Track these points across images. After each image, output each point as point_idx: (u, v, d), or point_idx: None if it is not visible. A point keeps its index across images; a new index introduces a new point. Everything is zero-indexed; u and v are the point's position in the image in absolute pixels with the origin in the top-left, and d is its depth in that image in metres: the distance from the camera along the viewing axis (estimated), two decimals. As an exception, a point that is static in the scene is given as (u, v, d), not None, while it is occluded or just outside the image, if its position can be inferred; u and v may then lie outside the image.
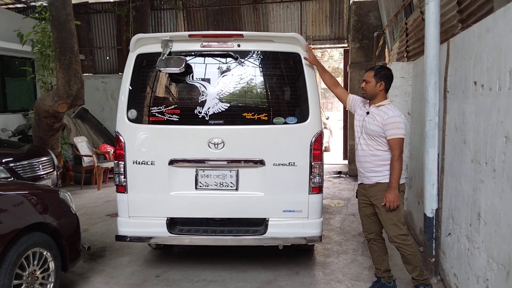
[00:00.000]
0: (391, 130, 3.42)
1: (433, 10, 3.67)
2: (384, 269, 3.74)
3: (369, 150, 3.56)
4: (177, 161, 3.92)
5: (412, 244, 3.50)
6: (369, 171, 3.58)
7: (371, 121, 3.52)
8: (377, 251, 3.75)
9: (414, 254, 3.49)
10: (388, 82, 3.59)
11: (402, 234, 3.48)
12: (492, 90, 2.73)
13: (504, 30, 2.55)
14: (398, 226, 3.49)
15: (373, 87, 3.55)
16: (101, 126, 10.56)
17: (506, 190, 2.51)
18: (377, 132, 3.49)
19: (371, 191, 3.59)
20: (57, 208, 3.72)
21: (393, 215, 3.48)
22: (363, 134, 3.60)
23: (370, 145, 3.56)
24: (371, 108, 3.58)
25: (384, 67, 3.67)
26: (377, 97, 3.56)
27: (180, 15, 12.33)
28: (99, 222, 6.16)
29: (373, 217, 3.69)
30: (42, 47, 7.96)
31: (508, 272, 2.46)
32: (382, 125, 3.45)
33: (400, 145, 3.42)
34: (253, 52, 3.96)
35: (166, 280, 4.11)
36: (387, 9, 8.40)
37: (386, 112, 3.47)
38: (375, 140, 3.52)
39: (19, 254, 3.15)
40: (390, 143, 3.43)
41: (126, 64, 4.00)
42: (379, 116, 3.48)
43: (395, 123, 3.41)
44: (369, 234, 3.76)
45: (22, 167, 5.74)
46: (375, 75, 3.56)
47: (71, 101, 6.66)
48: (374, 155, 3.54)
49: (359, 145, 3.65)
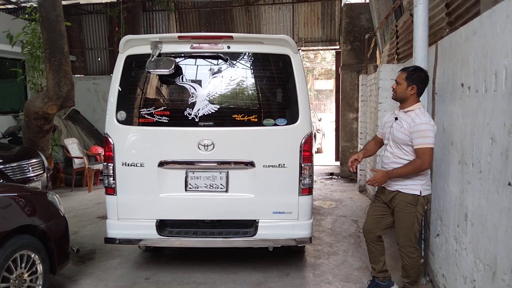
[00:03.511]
0: (418, 139, 3.19)
1: (421, 12, 3.69)
2: (379, 269, 3.69)
3: (393, 158, 3.40)
4: (166, 163, 3.91)
5: (415, 258, 3.45)
6: (392, 179, 3.42)
7: (399, 128, 3.33)
8: (373, 252, 3.68)
9: (414, 266, 3.47)
10: (421, 86, 3.34)
11: (410, 246, 3.42)
12: (479, 92, 2.76)
13: (490, 32, 2.57)
14: (409, 238, 3.41)
15: (403, 90, 3.32)
16: (93, 128, 10.50)
17: (492, 192, 2.53)
18: (403, 140, 3.29)
19: (391, 197, 3.45)
20: (45, 210, 3.70)
21: (408, 227, 3.39)
22: (390, 141, 3.44)
23: (395, 153, 3.39)
24: (400, 113, 3.39)
25: (418, 69, 3.39)
26: (407, 100, 3.33)
27: (172, 16, 12.30)
28: (89, 224, 6.12)
29: (381, 220, 3.59)
30: (32, 48, 7.91)
31: (494, 273, 2.48)
32: (409, 132, 3.23)
33: (428, 155, 3.17)
34: (243, 54, 3.96)
35: (156, 282, 4.10)
36: (378, 11, 8.45)
37: (414, 118, 3.24)
38: (401, 149, 3.34)
39: (6, 256, 3.12)
40: (417, 153, 3.22)
41: (116, 66, 3.99)
42: (406, 123, 3.27)
43: (422, 131, 3.18)
44: (369, 234, 3.66)
45: (11, 169, 5.69)
46: (407, 78, 3.31)
47: (61, 103, 6.62)
48: (398, 163, 3.35)
49: (385, 151, 3.50)
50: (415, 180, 3.33)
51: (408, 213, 3.36)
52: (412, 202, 3.34)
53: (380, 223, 3.61)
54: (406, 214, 3.38)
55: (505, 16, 2.36)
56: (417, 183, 3.33)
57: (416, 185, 3.33)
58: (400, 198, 3.39)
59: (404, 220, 3.40)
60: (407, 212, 3.37)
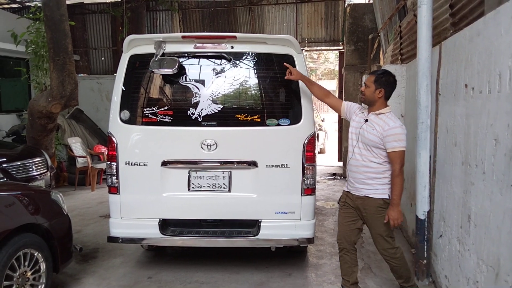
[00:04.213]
0: (392, 143, 3.22)
1: (425, 13, 3.68)
2: (352, 281, 3.58)
3: (362, 161, 3.37)
4: (169, 162, 3.92)
5: (399, 257, 3.45)
6: (360, 183, 3.41)
7: (370, 130, 3.32)
8: (348, 262, 3.57)
9: (401, 265, 3.46)
10: (389, 90, 3.37)
11: (390, 248, 3.43)
12: (482, 93, 2.75)
13: (494, 33, 2.57)
14: (387, 241, 3.42)
15: (371, 93, 3.34)
16: (96, 127, 10.53)
17: (495, 193, 2.52)
18: (374, 142, 3.30)
19: (359, 203, 3.44)
20: (48, 209, 3.71)
21: (383, 229, 3.38)
22: (359, 143, 3.40)
23: (364, 155, 3.37)
24: (370, 116, 3.38)
25: (386, 73, 3.42)
26: (376, 104, 3.36)
27: (175, 16, 12.32)
28: (92, 223, 6.14)
29: (353, 226, 3.53)
30: (36, 47, 7.95)
31: (497, 274, 2.47)
32: (382, 136, 3.25)
33: (401, 158, 3.23)
34: (247, 54, 3.97)
35: (158, 281, 4.10)
36: (381, 11, 8.44)
37: (387, 122, 3.27)
38: (371, 152, 3.33)
39: (9, 255, 3.14)
40: (391, 156, 3.25)
41: (119, 65, 4.00)
42: (379, 126, 3.28)
43: (396, 135, 3.22)
44: (343, 243, 3.57)
45: (15, 168, 5.71)
46: (376, 81, 3.34)
47: (64, 102, 6.65)
48: (367, 166, 3.35)
49: (353, 154, 3.45)
50: (383, 185, 3.35)
51: (381, 217, 3.35)
52: (383, 206, 3.35)
53: (353, 229, 3.54)
54: (379, 219, 3.36)
55: (510, 17, 2.35)
56: (385, 187, 3.35)
57: (384, 189, 3.35)
58: (370, 204, 3.38)
59: (379, 225, 3.38)
60: (380, 216, 3.35)
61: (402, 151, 3.25)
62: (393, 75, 3.44)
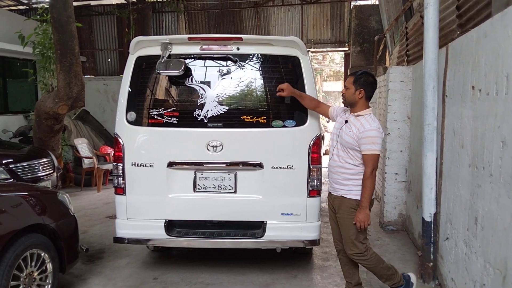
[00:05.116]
0: (366, 145, 3.20)
1: (432, 14, 3.67)
2: (355, 282, 3.58)
3: (339, 162, 3.38)
4: (175, 164, 3.93)
5: (370, 258, 3.39)
6: (336, 183, 3.43)
7: (347, 131, 3.32)
8: (347, 264, 3.57)
9: (375, 265, 3.41)
10: (368, 90, 3.33)
11: (357, 253, 3.36)
12: (490, 95, 2.74)
13: (501, 35, 2.56)
14: (355, 245, 3.36)
15: (351, 94, 3.32)
16: (102, 128, 10.58)
17: (502, 195, 2.51)
18: (351, 144, 3.28)
19: (336, 203, 3.46)
20: (55, 209, 3.73)
21: (351, 233, 3.34)
22: (338, 144, 3.41)
23: (342, 156, 3.37)
24: (350, 117, 3.37)
25: (366, 73, 3.38)
26: (356, 105, 3.34)
27: (181, 18, 12.38)
28: (98, 224, 6.17)
29: None
30: (43, 49, 8.00)
31: (504, 277, 2.46)
32: (357, 138, 3.23)
33: (373, 161, 3.21)
34: (252, 55, 3.97)
35: (164, 282, 4.11)
36: (387, 13, 8.42)
37: (363, 124, 3.24)
38: (347, 153, 3.33)
39: (17, 255, 3.16)
40: (364, 159, 3.24)
41: (126, 66, 4.02)
42: (356, 128, 3.26)
43: (371, 138, 3.19)
44: (338, 245, 3.58)
45: (22, 168, 5.76)
46: (355, 82, 3.31)
47: (71, 103, 6.69)
48: (344, 167, 3.35)
49: (332, 154, 3.47)
50: (357, 186, 3.32)
51: (352, 218, 3.32)
52: (355, 207, 3.33)
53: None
54: (350, 220, 3.34)
55: (517, 19, 2.34)
56: (359, 188, 3.32)
57: (358, 191, 3.33)
58: (344, 204, 3.38)
59: (350, 226, 3.34)
60: (351, 218, 3.33)
61: (376, 154, 3.22)
62: (373, 75, 3.42)
